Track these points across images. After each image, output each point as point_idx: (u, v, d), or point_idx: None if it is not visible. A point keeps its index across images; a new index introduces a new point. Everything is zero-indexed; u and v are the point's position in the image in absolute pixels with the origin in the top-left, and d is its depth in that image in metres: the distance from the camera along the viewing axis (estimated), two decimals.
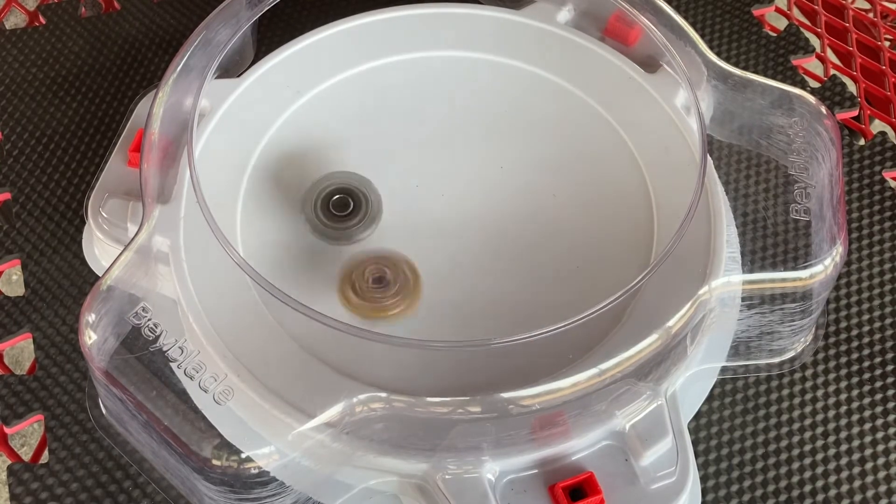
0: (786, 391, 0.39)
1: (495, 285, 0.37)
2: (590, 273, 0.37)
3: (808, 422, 0.39)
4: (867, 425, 0.39)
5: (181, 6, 0.52)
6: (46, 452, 0.37)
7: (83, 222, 0.42)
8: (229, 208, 0.38)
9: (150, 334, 0.32)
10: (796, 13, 0.55)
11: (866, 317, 0.41)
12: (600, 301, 0.32)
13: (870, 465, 0.38)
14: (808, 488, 0.37)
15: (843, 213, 0.37)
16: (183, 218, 0.36)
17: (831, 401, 0.39)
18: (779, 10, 0.55)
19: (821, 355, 0.40)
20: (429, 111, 0.42)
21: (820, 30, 0.54)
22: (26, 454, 0.38)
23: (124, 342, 0.33)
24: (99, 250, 0.41)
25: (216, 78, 0.39)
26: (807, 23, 0.54)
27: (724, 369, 0.38)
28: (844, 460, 0.38)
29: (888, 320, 0.41)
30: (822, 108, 0.39)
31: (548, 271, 0.37)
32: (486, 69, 0.43)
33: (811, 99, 0.39)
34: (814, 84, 0.50)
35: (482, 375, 0.33)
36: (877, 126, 0.49)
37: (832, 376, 0.40)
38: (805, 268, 0.36)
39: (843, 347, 0.41)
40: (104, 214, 0.38)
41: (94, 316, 0.32)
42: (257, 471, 0.31)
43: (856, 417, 0.39)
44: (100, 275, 0.36)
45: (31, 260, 0.42)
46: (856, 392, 0.39)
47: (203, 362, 0.32)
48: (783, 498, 0.37)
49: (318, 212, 0.37)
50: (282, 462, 0.32)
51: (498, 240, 0.38)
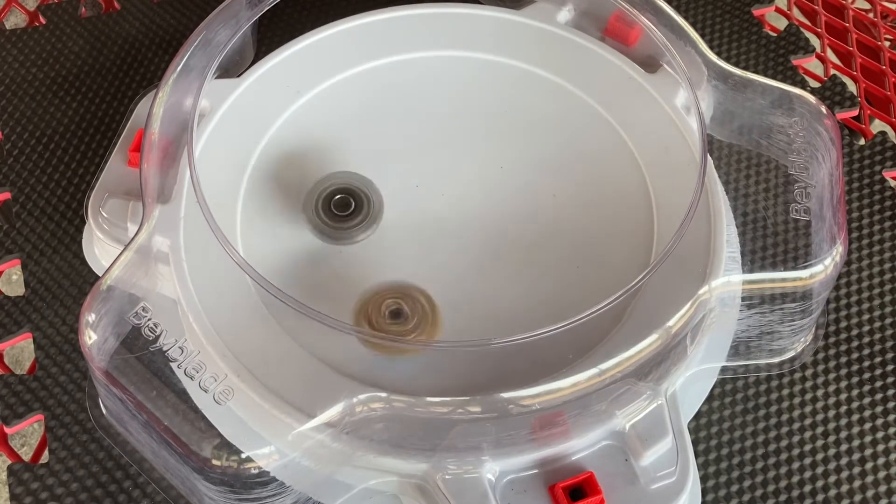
0: (786, 391, 0.39)
1: (495, 285, 0.37)
2: (590, 273, 0.37)
3: (808, 422, 0.39)
4: (867, 425, 0.39)
5: (181, 6, 0.52)
6: (46, 452, 0.37)
7: (83, 222, 0.42)
8: (229, 208, 0.38)
9: (150, 334, 0.32)
10: (796, 13, 0.55)
11: (866, 317, 0.41)
12: (600, 301, 0.32)
13: (870, 465, 0.38)
14: (808, 488, 0.37)
15: (843, 213, 0.37)
16: (183, 218, 0.36)
17: (831, 401, 0.39)
18: (779, 10, 0.55)
19: (821, 355, 0.40)
20: (429, 111, 0.42)
21: (820, 30, 0.54)
22: (26, 454, 0.38)
23: (124, 342, 0.33)
24: (99, 250, 0.41)
25: (216, 78, 0.39)
26: (807, 23, 0.54)
27: (724, 369, 0.38)
28: (844, 460, 0.38)
29: (888, 320, 0.41)
30: (822, 108, 0.39)
31: (548, 271, 0.37)
32: (486, 69, 0.43)
33: (811, 99, 0.39)
34: (814, 84, 0.50)
35: (482, 375, 0.33)
36: (877, 126, 0.49)
37: (832, 376, 0.40)
38: (805, 268, 0.36)
39: (843, 347, 0.41)
40: (104, 214, 0.38)
41: (94, 316, 0.32)
42: (257, 471, 0.31)
43: (856, 417, 0.39)
44: (100, 275, 0.36)
45: (31, 260, 0.42)
46: (856, 392, 0.39)
47: (203, 362, 0.32)
48: (783, 498, 0.37)
49: (319, 212, 0.37)
50: (282, 462, 0.32)
51: (498, 240, 0.38)
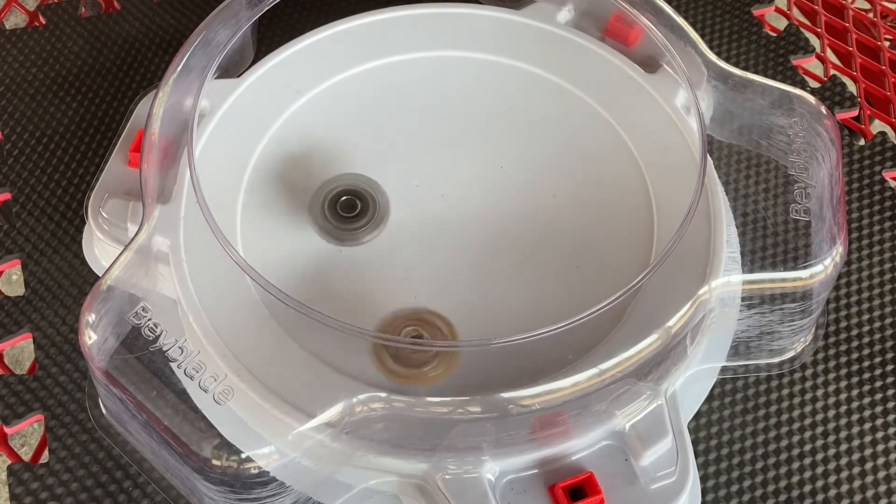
0: (786, 391, 0.39)
1: (495, 285, 0.37)
2: (590, 273, 0.37)
3: (808, 422, 0.39)
4: (867, 425, 0.39)
5: (181, 6, 0.52)
6: (46, 452, 0.37)
7: (83, 222, 0.42)
8: (229, 208, 0.38)
9: (150, 334, 0.32)
10: (796, 13, 0.55)
11: (866, 317, 0.41)
12: (600, 301, 0.32)
13: (870, 465, 0.38)
14: (808, 488, 0.37)
15: (843, 213, 0.37)
16: (183, 218, 0.36)
17: (831, 401, 0.39)
18: (779, 10, 0.55)
19: (821, 355, 0.40)
20: (429, 111, 0.42)
21: (820, 30, 0.54)
22: (26, 454, 0.38)
23: (124, 342, 0.33)
24: (99, 250, 0.41)
25: (216, 78, 0.39)
26: (807, 23, 0.54)
27: (724, 369, 0.38)
28: (844, 460, 0.38)
29: (888, 320, 0.41)
30: (822, 108, 0.39)
31: (548, 271, 0.37)
32: (486, 69, 0.43)
33: (811, 99, 0.39)
34: (814, 84, 0.50)
35: (482, 375, 0.33)
36: (877, 126, 0.49)
37: (832, 376, 0.40)
38: (805, 268, 0.36)
39: (843, 347, 0.41)
40: (104, 214, 0.38)
41: (94, 316, 0.32)
42: (257, 471, 0.31)
43: (856, 417, 0.39)
44: (100, 275, 0.36)
45: (31, 260, 0.42)
46: (856, 392, 0.39)
47: (203, 362, 0.32)
48: (783, 498, 0.37)
49: (325, 213, 0.37)
50: (282, 462, 0.32)
51: (498, 240, 0.38)
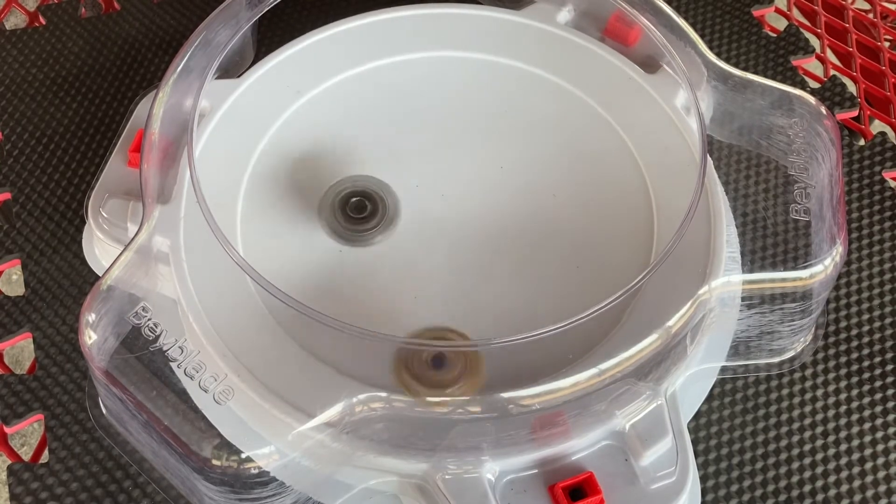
0: (786, 391, 0.39)
1: (495, 285, 0.37)
2: (590, 273, 0.37)
3: (808, 422, 0.39)
4: (867, 425, 0.39)
5: (181, 6, 0.52)
6: (46, 452, 0.37)
7: (83, 222, 0.42)
8: (229, 208, 0.38)
9: (150, 334, 0.32)
10: (796, 14, 0.55)
11: (866, 317, 0.41)
12: (600, 301, 0.32)
13: (870, 465, 0.38)
14: (808, 488, 0.37)
15: (843, 213, 0.37)
16: (183, 218, 0.36)
17: (831, 401, 0.39)
18: (779, 11, 0.55)
19: (821, 355, 0.40)
20: (429, 111, 0.42)
21: (820, 30, 0.54)
22: (26, 454, 0.38)
23: (124, 342, 0.33)
24: (99, 250, 0.41)
25: (216, 78, 0.39)
26: (807, 23, 0.54)
27: (723, 369, 0.38)
28: (844, 460, 0.38)
29: (888, 320, 0.41)
30: (822, 109, 0.39)
31: (548, 271, 0.37)
32: (486, 69, 0.43)
33: (811, 99, 0.39)
34: (814, 84, 0.50)
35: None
36: (877, 126, 0.49)
37: (832, 376, 0.40)
38: (805, 268, 0.36)
39: (843, 347, 0.41)
40: (104, 214, 0.38)
41: (94, 316, 0.32)
42: (257, 471, 0.31)
43: (856, 417, 0.39)
44: (100, 275, 0.36)
45: (31, 260, 0.42)
46: (856, 392, 0.39)
47: (203, 362, 0.32)
48: (783, 498, 0.37)
49: (335, 214, 0.37)
50: (282, 462, 0.32)
51: (498, 240, 0.38)
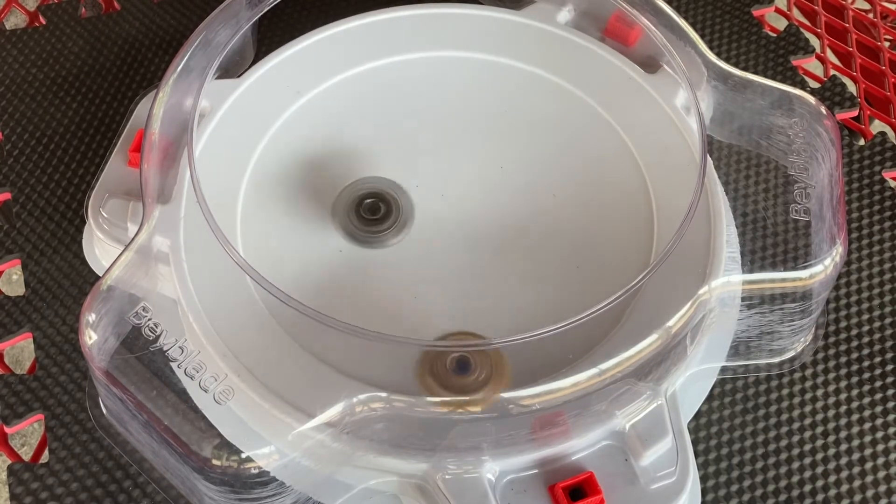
0: (786, 391, 0.39)
1: (495, 285, 0.37)
2: (590, 273, 0.37)
3: (808, 422, 0.39)
4: (867, 425, 0.39)
5: (181, 6, 0.52)
6: (46, 452, 0.37)
7: (83, 222, 0.42)
8: (229, 208, 0.38)
9: (150, 334, 0.32)
10: (796, 13, 0.55)
11: (866, 317, 0.41)
12: (600, 301, 0.32)
13: (870, 465, 0.38)
14: (808, 488, 0.37)
15: (843, 213, 0.37)
16: (183, 218, 0.36)
17: (831, 401, 0.39)
18: (779, 11, 0.55)
19: (821, 355, 0.40)
20: (429, 111, 0.42)
21: (820, 30, 0.54)
22: (26, 454, 0.38)
23: (124, 342, 0.33)
24: (99, 250, 0.41)
25: (216, 78, 0.39)
26: (807, 23, 0.54)
27: (724, 369, 0.38)
28: (844, 460, 0.38)
29: (888, 320, 0.41)
30: (821, 109, 0.39)
31: (548, 271, 0.37)
32: (486, 69, 0.43)
33: (811, 99, 0.39)
34: (814, 84, 0.50)
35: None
36: (877, 126, 0.49)
37: (832, 376, 0.40)
38: (805, 268, 0.36)
39: (843, 347, 0.41)
40: (104, 214, 0.38)
41: (94, 316, 0.32)
42: (257, 471, 0.31)
43: (856, 417, 0.39)
44: (100, 275, 0.36)
45: (31, 260, 0.42)
46: (856, 392, 0.39)
47: (203, 362, 0.32)
48: (783, 498, 0.37)
49: (349, 216, 0.37)
50: (282, 462, 0.32)
51: (498, 240, 0.38)
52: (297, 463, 0.32)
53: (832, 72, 0.51)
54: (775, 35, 0.52)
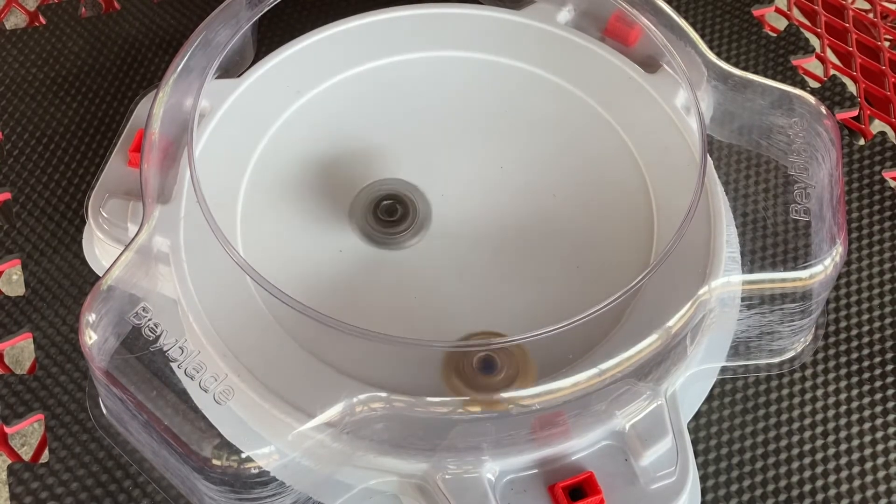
0: (786, 391, 0.39)
1: (495, 285, 0.37)
2: (590, 273, 0.37)
3: (808, 422, 0.39)
4: (867, 425, 0.39)
5: (181, 6, 0.52)
6: (46, 452, 0.37)
7: (83, 222, 0.42)
8: (229, 208, 0.38)
9: (150, 334, 0.32)
10: (796, 13, 0.55)
11: (866, 317, 0.41)
12: (600, 301, 0.32)
13: (870, 465, 0.38)
14: (808, 488, 0.37)
15: (843, 213, 0.37)
16: (183, 218, 0.36)
17: (831, 401, 0.39)
18: (779, 11, 0.55)
19: (821, 355, 0.40)
20: (428, 111, 0.42)
21: (820, 30, 0.54)
22: (26, 454, 0.38)
23: (124, 342, 0.33)
24: (99, 250, 0.41)
25: (216, 78, 0.39)
26: (807, 23, 0.54)
27: (724, 369, 0.38)
28: (844, 460, 0.38)
29: (888, 320, 0.41)
30: (822, 109, 0.39)
31: (548, 271, 0.37)
32: (486, 69, 0.43)
33: (811, 99, 0.39)
34: (814, 84, 0.50)
35: None
36: (877, 126, 0.49)
37: (832, 376, 0.40)
38: (805, 268, 0.36)
39: (843, 347, 0.41)
40: (104, 214, 0.38)
41: (94, 316, 0.32)
42: (257, 471, 0.31)
43: (856, 417, 0.39)
44: (100, 275, 0.36)
45: (31, 260, 0.42)
46: (856, 392, 0.39)
47: (203, 362, 0.32)
48: (783, 498, 0.37)
49: (366, 217, 0.37)
50: (282, 462, 0.32)
51: (498, 240, 0.38)
52: (297, 463, 0.32)
53: (832, 72, 0.51)
54: (775, 35, 0.52)
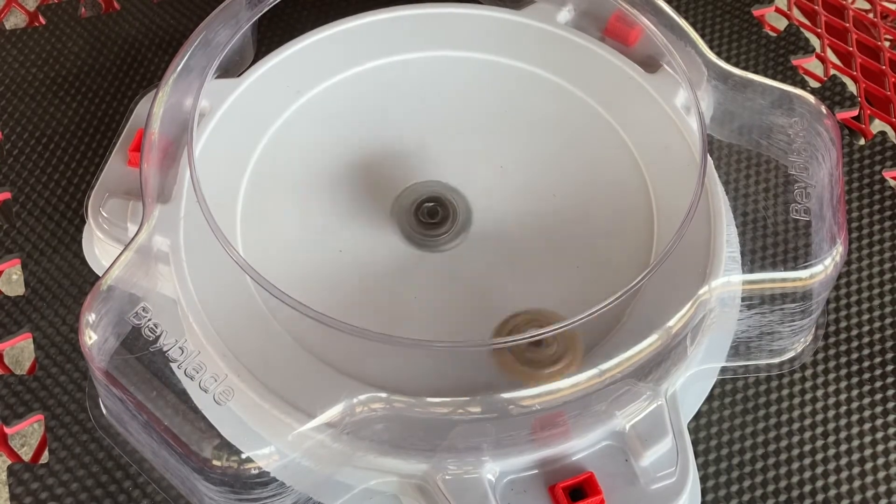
0: (786, 391, 0.39)
1: (494, 285, 0.37)
2: (590, 273, 0.37)
3: (808, 422, 0.39)
4: (867, 425, 0.39)
5: (181, 6, 0.52)
6: (46, 452, 0.37)
7: (83, 222, 0.42)
8: (229, 208, 0.38)
9: (150, 334, 0.32)
10: (796, 13, 0.55)
11: (866, 317, 0.41)
12: (600, 301, 0.32)
13: (870, 465, 0.38)
14: (808, 488, 0.37)
15: (843, 213, 0.37)
16: (183, 218, 0.36)
17: (831, 401, 0.39)
18: (779, 11, 0.55)
19: (821, 355, 0.40)
20: (428, 111, 0.42)
21: (820, 30, 0.54)
22: (26, 454, 0.38)
23: (124, 342, 0.33)
24: (99, 250, 0.41)
25: (216, 78, 0.39)
26: (807, 23, 0.54)
27: (724, 369, 0.38)
28: (844, 460, 0.38)
29: (888, 320, 0.41)
30: (822, 108, 0.39)
31: (548, 271, 0.37)
32: (486, 69, 0.43)
33: (811, 99, 0.39)
34: (814, 84, 0.50)
35: (482, 375, 0.33)
36: (877, 126, 0.49)
37: (832, 376, 0.40)
38: (805, 268, 0.36)
39: (843, 347, 0.41)
40: (104, 214, 0.38)
41: (94, 316, 0.32)
42: (257, 471, 0.31)
43: (856, 417, 0.39)
44: (100, 275, 0.36)
45: (31, 259, 0.42)
46: (856, 392, 0.39)
47: (203, 362, 0.32)
48: (783, 498, 0.37)
49: (409, 219, 0.38)
50: (282, 462, 0.32)
51: (497, 240, 0.38)
52: (298, 463, 0.32)
53: (832, 71, 0.51)
54: (775, 35, 0.52)
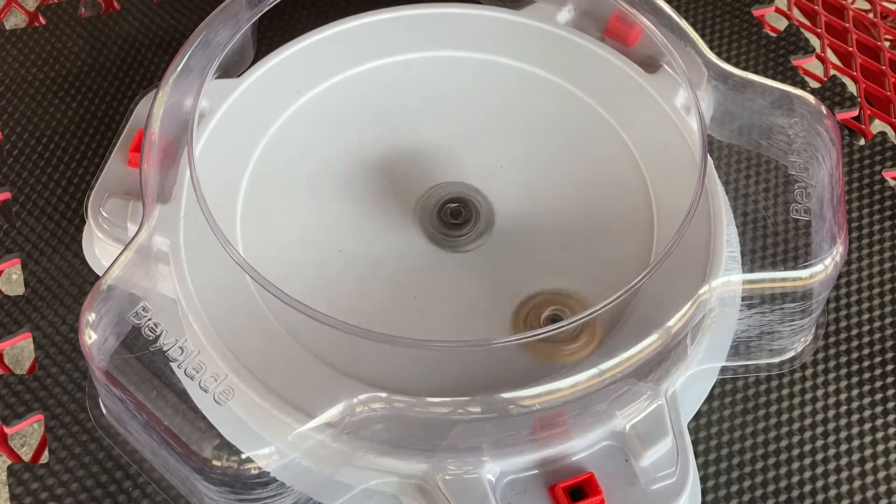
0: (786, 391, 0.39)
1: (494, 285, 0.37)
2: (590, 273, 0.37)
3: (808, 422, 0.39)
4: (867, 425, 0.39)
5: (181, 6, 0.52)
6: (46, 452, 0.37)
7: (83, 222, 0.42)
8: (229, 208, 0.38)
9: (150, 334, 0.32)
10: (796, 13, 0.55)
11: (866, 317, 0.41)
12: (600, 301, 0.32)
13: (870, 465, 0.38)
14: (808, 488, 0.37)
15: (843, 213, 0.37)
16: (183, 218, 0.36)
17: (831, 401, 0.39)
18: (779, 11, 0.55)
19: (821, 355, 0.40)
20: (428, 111, 0.42)
21: (820, 30, 0.54)
22: (26, 454, 0.38)
23: (124, 342, 0.33)
24: (99, 250, 0.41)
25: (216, 78, 0.39)
26: (807, 23, 0.54)
27: (724, 369, 0.38)
28: (844, 460, 0.38)
29: (888, 320, 0.41)
30: (822, 109, 0.39)
31: (547, 271, 0.37)
32: (486, 69, 0.43)
33: (811, 99, 0.39)
34: (814, 84, 0.50)
35: (482, 375, 0.33)
36: (877, 126, 0.49)
37: (832, 376, 0.40)
38: (805, 267, 0.36)
39: (843, 347, 0.41)
40: (104, 214, 0.38)
41: (94, 315, 0.32)
42: (257, 471, 0.31)
43: (856, 417, 0.39)
44: (100, 274, 0.36)
45: (31, 259, 0.42)
46: (856, 392, 0.39)
47: (203, 362, 0.32)
48: (783, 498, 0.37)
49: (432, 220, 0.38)
50: (282, 462, 0.32)
51: (497, 240, 0.38)
52: (298, 463, 0.32)
53: (832, 72, 0.51)
54: (775, 35, 0.52)
